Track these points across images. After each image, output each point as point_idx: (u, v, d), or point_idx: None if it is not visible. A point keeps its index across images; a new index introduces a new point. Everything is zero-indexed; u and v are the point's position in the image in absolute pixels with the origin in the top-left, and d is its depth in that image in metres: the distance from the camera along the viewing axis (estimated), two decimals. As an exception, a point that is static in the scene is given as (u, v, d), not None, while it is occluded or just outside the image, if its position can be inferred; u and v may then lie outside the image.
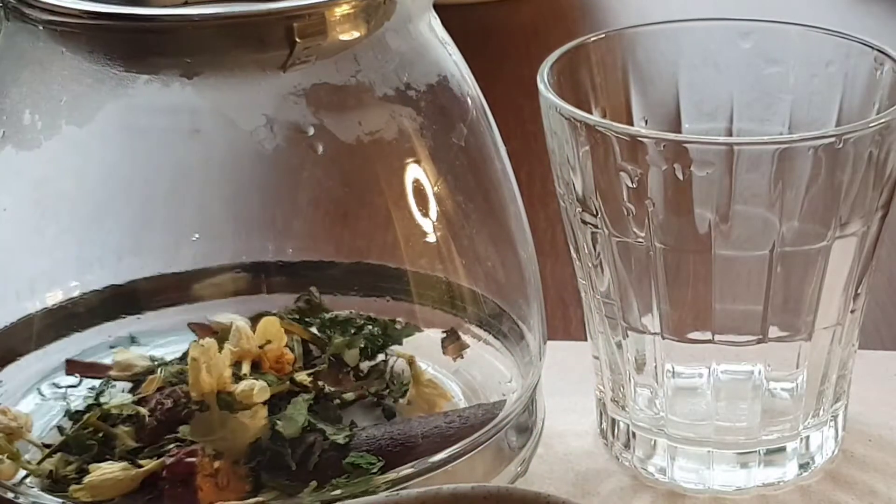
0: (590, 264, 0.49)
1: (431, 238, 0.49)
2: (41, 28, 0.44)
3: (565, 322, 0.59)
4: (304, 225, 0.53)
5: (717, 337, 0.48)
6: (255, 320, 0.50)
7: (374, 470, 0.44)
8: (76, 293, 0.51)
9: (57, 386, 0.50)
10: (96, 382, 0.49)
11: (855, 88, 0.50)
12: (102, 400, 0.48)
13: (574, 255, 0.50)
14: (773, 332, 0.48)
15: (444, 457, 0.45)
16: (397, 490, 0.41)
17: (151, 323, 0.52)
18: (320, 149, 0.47)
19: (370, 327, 0.51)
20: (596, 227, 0.47)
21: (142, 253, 0.52)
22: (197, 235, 0.52)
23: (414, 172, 0.48)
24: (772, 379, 0.49)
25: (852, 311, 0.49)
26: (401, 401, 0.49)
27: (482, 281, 0.50)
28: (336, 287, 0.53)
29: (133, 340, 0.52)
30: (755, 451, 0.49)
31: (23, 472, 0.45)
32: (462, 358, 0.50)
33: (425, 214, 0.49)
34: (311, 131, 0.47)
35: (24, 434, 0.46)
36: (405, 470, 0.45)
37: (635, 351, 0.49)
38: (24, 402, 0.50)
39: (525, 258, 0.50)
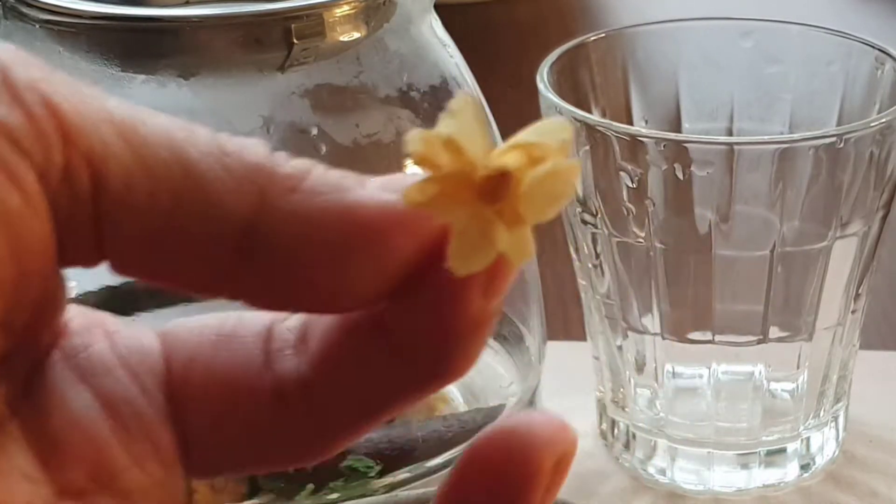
0: (590, 264, 0.49)
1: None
2: (39, 27, 0.44)
3: (565, 322, 0.59)
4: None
5: (717, 337, 0.48)
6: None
7: (372, 474, 0.44)
8: (73, 293, 0.51)
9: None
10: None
11: (856, 88, 0.49)
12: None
13: (574, 255, 0.50)
14: (774, 332, 0.48)
15: (443, 461, 0.45)
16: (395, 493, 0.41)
17: (150, 323, 0.52)
18: (320, 150, 0.47)
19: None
20: (596, 227, 0.47)
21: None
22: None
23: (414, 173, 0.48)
24: (772, 379, 0.49)
25: (853, 312, 0.49)
26: None
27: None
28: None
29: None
30: (756, 452, 0.49)
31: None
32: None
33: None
34: (311, 132, 0.46)
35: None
36: (403, 474, 0.44)
37: (635, 351, 0.49)
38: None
39: (524, 259, 0.50)
